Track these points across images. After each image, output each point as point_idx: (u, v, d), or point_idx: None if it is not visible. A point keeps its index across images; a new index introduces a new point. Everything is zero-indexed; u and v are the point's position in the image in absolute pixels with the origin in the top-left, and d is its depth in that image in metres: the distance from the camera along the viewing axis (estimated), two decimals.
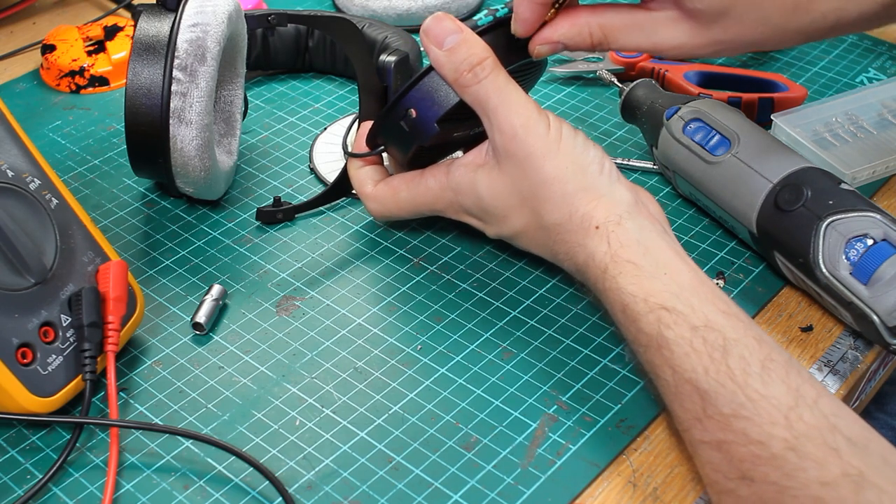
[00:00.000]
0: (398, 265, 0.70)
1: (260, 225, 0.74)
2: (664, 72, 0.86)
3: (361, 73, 0.72)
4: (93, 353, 0.59)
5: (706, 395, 0.52)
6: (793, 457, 0.49)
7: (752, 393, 0.51)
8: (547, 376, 0.62)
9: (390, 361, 0.64)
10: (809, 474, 0.48)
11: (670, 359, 0.54)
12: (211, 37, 0.68)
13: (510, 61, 0.64)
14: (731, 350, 0.53)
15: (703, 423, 0.52)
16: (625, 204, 0.60)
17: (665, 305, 0.55)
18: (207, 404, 0.61)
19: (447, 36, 0.63)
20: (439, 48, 0.63)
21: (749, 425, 0.50)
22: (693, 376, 0.53)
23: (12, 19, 0.98)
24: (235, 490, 0.56)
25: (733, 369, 0.52)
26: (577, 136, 0.62)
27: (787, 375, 0.51)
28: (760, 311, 0.67)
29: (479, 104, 0.62)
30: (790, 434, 0.49)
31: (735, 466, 0.51)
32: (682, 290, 0.56)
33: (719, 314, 0.54)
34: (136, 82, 0.68)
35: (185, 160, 0.69)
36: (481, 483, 0.56)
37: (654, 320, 0.55)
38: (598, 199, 0.60)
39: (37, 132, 0.83)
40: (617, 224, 0.59)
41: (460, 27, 0.63)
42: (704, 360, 0.53)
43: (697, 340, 0.53)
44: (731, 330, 0.54)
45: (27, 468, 0.58)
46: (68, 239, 0.61)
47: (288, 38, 0.87)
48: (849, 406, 0.65)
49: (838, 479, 0.47)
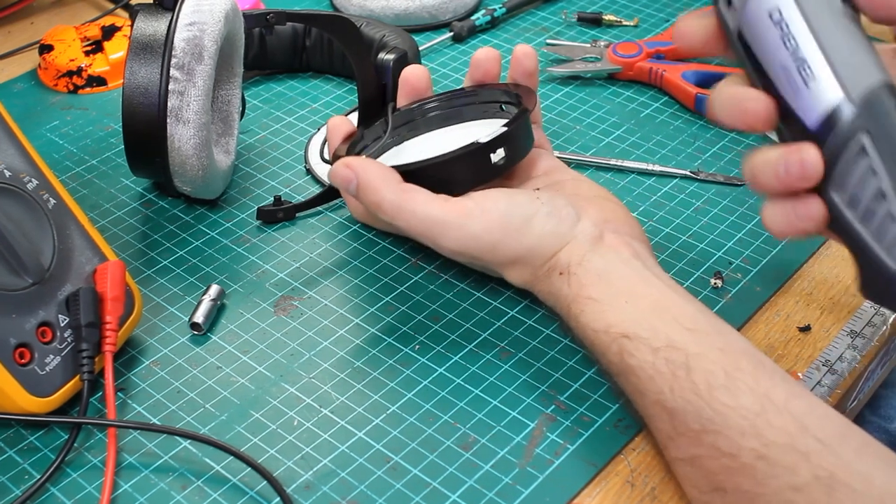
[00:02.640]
0: (396, 265, 0.70)
1: (258, 225, 0.74)
2: (662, 72, 0.86)
3: (360, 72, 0.72)
4: (90, 354, 0.59)
5: (674, 414, 0.53)
6: (763, 465, 0.49)
7: (718, 406, 0.51)
8: (545, 376, 0.62)
9: (388, 361, 0.64)
10: (781, 481, 0.48)
11: (637, 384, 0.55)
12: (208, 36, 0.68)
13: (483, 180, 0.65)
14: (694, 366, 0.53)
15: (675, 441, 0.53)
16: (587, 242, 0.61)
17: (626, 333, 0.56)
18: (205, 404, 0.61)
19: (347, 184, 0.64)
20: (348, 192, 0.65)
21: (718, 438, 0.51)
22: (660, 398, 0.54)
23: (10, 19, 0.98)
24: (233, 490, 0.56)
25: (698, 384, 0.52)
26: (530, 204, 0.62)
27: (756, 382, 0.52)
28: (758, 311, 0.67)
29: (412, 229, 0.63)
30: (759, 443, 0.49)
31: (709, 480, 0.51)
32: (643, 315, 0.56)
33: (682, 332, 0.55)
34: (134, 81, 0.68)
35: (183, 159, 0.69)
36: (479, 483, 0.56)
37: (617, 350, 0.56)
38: (561, 247, 0.61)
39: (34, 132, 0.83)
40: (578, 264, 0.60)
41: (355, 172, 0.63)
42: (669, 380, 0.53)
43: (660, 362, 0.54)
44: (694, 345, 0.54)
45: (25, 468, 0.58)
46: (66, 239, 0.61)
47: (285, 38, 0.87)
48: (846, 406, 0.65)
49: (810, 483, 0.48)
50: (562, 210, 0.62)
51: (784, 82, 0.51)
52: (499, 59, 0.71)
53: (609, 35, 0.94)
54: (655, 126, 0.83)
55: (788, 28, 0.52)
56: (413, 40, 0.83)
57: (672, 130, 0.83)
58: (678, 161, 0.79)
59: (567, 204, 0.63)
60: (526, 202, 0.62)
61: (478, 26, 0.94)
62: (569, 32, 0.95)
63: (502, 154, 0.65)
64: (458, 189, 0.64)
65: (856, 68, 0.50)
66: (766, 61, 0.52)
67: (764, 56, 0.52)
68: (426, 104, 0.72)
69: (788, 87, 0.51)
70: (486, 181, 0.65)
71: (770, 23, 0.52)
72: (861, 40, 0.51)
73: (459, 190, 0.64)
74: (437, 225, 0.62)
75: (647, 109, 0.85)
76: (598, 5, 0.99)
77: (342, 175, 0.64)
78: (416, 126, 0.72)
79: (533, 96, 0.69)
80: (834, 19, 0.51)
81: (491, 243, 0.62)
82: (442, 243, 0.62)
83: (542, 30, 0.96)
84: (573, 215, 0.62)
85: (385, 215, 0.63)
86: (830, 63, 0.50)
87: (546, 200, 0.63)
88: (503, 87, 0.71)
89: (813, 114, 0.50)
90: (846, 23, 0.51)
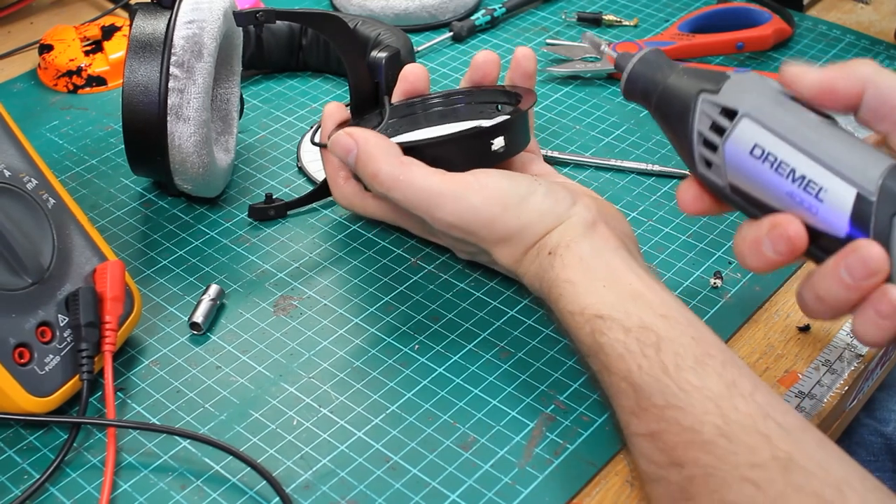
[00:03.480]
0: (396, 265, 0.70)
1: (258, 224, 0.74)
2: None
3: (351, 70, 0.72)
4: (90, 353, 0.59)
5: (640, 389, 0.53)
6: (724, 442, 0.49)
7: (684, 384, 0.51)
8: (544, 376, 0.62)
9: (388, 361, 0.64)
10: (739, 458, 0.48)
11: (606, 362, 0.55)
12: (207, 33, 0.68)
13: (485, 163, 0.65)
14: (665, 347, 0.53)
15: (637, 417, 0.53)
16: (581, 225, 0.61)
17: (599, 314, 0.56)
18: (205, 404, 0.61)
19: (346, 153, 0.64)
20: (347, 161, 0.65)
21: (681, 414, 0.51)
22: (627, 374, 0.54)
23: (10, 19, 0.98)
24: (233, 490, 0.56)
25: (667, 364, 0.53)
26: (527, 187, 0.63)
27: (724, 370, 0.52)
28: (758, 311, 0.67)
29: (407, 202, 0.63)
30: (722, 421, 0.50)
31: (666, 454, 0.51)
32: (619, 299, 0.57)
33: (656, 317, 0.55)
34: (134, 79, 0.68)
35: (184, 157, 0.69)
36: (479, 483, 0.56)
37: (589, 330, 0.56)
38: (555, 226, 0.62)
39: (34, 132, 0.83)
40: (567, 247, 0.60)
41: (355, 141, 0.64)
42: (638, 359, 0.54)
43: (631, 341, 0.54)
44: (667, 329, 0.54)
45: (24, 468, 0.58)
46: (65, 239, 0.61)
47: (281, 37, 0.87)
48: (846, 406, 0.65)
49: (767, 462, 0.48)
50: (558, 192, 0.63)
51: (797, 207, 0.51)
52: (498, 62, 0.71)
53: (609, 35, 0.94)
54: (655, 126, 0.83)
55: (776, 157, 0.52)
56: (408, 39, 0.83)
57: None
58: (678, 161, 0.79)
59: (564, 188, 0.64)
60: (525, 182, 0.63)
61: (477, 26, 0.94)
62: (569, 32, 0.95)
63: (502, 143, 0.65)
64: (458, 169, 0.64)
65: (857, 161, 0.50)
66: (769, 196, 0.52)
67: (765, 193, 0.52)
68: (424, 100, 0.73)
69: (803, 210, 0.51)
70: (483, 168, 0.65)
71: (756, 161, 0.52)
72: (848, 138, 0.51)
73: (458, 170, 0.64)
74: (435, 196, 0.62)
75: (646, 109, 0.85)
76: (598, 5, 0.99)
77: (342, 143, 0.64)
78: (413, 120, 0.73)
79: (533, 97, 0.69)
80: (813, 129, 0.52)
81: (489, 217, 0.62)
82: (438, 215, 0.62)
83: (541, 30, 0.96)
84: (569, 198, 0.63)
85: (381, 186, 0.63)
86: (831, 168, 0.50)
87: (543, 182, 0.63)
88: (501, 89, 0.71)
89: (839, 221, 0.50)
90: (826, 128, 0.52)
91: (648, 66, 0.58)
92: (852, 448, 0.79)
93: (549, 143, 0.81)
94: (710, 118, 0.54)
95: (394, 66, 0.74)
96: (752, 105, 0.53)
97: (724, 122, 0.53)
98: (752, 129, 0.52)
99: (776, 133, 0.52)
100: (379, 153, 0.63)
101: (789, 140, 0.51)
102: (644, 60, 0.58)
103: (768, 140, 0.52)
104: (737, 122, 0.53)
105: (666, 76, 0.57)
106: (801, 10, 0.98)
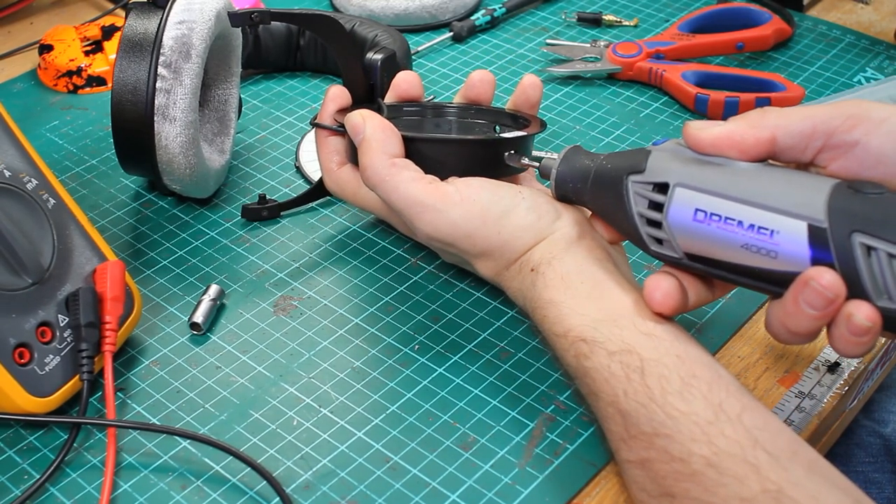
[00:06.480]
0: (396, 265, 0.70)
1: (258, 224, 0.74)
2: (662, 72, 0.86)
3: (345, 71, 0.72)
4: (90, 353, 0.59)
5: (627, 416, 0.53)
6: (713, 473, 0.49)
7: (671, 410, 0.51)
8: (544, 376, 0.62)
9: (388, 361, 0.64)
10: (729, 490, 0.48)
11: (592, 386, 0.55)
12: (197, 34, 0.68)
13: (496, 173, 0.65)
14: (649, 370, 0.53)
15: (627, 443, 0.53)
16: (563, 241, 0.60)
17: (583, 337, 0.56)
18: (205, 404, 0.61)
19: (356, 134, 0.64)
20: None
21: (670, 443, 0.51)
22: (614, 400, 0.53)
23: (10, 19, 0.98)
24: (233, 490, 0.56)
25: (652, 388, 0.52)
26: (515, 203, 0.62)
27: (710, 391, 0.51)
28: (758, 311, 0.67)
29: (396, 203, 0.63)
30: (710, 451, 0.49)
31: (658, 483, 0.51)
32: (602, 319, 0.56)
33: (639, 336, 0.55)
34: (122, 79, 0.68)
35: (170, 157, 0.69)
36: (479, 483, 0.56)
37: (574, 353, 0.56)
38: (537, 242, 0.61)
39: (34, 132, 0.83)
40: (548, 264, 0.59)
41: (365, 126, 0.64)
42: (623, 383, 0.53)
43: (615, 365, 0.54)
44: (651, 350, 0.54)
45: (24, 468, 0.58)
46: (65, 239, 0.61)
47: (279, 37, 0.87)
48: (846, 406, 0.65)
49: (757, 496, 0.47)
50: (542, 206, 0.62)
51: (756, 256, 0.51)
52: (493, 83, 0.70)
53: (609, 35, 0.94)
54: (655, 126, 0.83)
55: (719, 214, 0.52)
56: (405, 40, 0.83)
57: (672, 130, 0.83)
58: None
59: (549, 202, 0.62)
60: (508, 195, 0.62)
61: (478, 26, 0.94)
62: (569, 32, 0.95)
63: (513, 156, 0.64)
64: (455, 174, 0.63)
65: (797, 194, 0.50)
66: (727, 254, 0.52)
67: (722, 251, 0.52)
68: (424, 107, 0.72)
69: (763, 257, 0.51)
70: (485, 176, 0.64)
71: (702, 224, 0.53)
72: (783, 174, 0.52)
73: (455, 175, 0.63)
74: (416, 206, 0.61)
75: (646, 109, 0.85)
76: (598, 5, 0.99)
77: (354, 123, 0.64)
78: (416, 124, 0.72)
79: (539, 124, 0.68)
80: (746, 177, 0.52)
81: (468, 232, 0.61)
82: (418, 226, 0.62)
83: (542, 30, 0.96)
84: (553, 212, 0.62)
85: (367, 181, 0.63)
86: (775, 208, 0.51)
87: (528, 196, 0.62)
88: (511, 112, 0.70)
89: (800, 257, 0.50)
90: (759, 171, 0.52)
91: (570, 164, 0.60)
92: (851, 449, 0.79)
93: (549, 144, 0.81)
94: (646, 197, 0.55)
95: (390, 67, 0.74)
96: (680, 172, 0.54)
97: (659, 198, 0.54)
98: (687, 195, 0.53)
99: (711, 192, 0.52)
100: (375, 146, 0.62)
101: (726, 195, 0.52)
102: (566, 160, 0.60)
103: (705, 201, 0.52)
104: (671, 194, 0.54)
105: (589, 169, 0.59)
106: (801, 10, 0.98)
